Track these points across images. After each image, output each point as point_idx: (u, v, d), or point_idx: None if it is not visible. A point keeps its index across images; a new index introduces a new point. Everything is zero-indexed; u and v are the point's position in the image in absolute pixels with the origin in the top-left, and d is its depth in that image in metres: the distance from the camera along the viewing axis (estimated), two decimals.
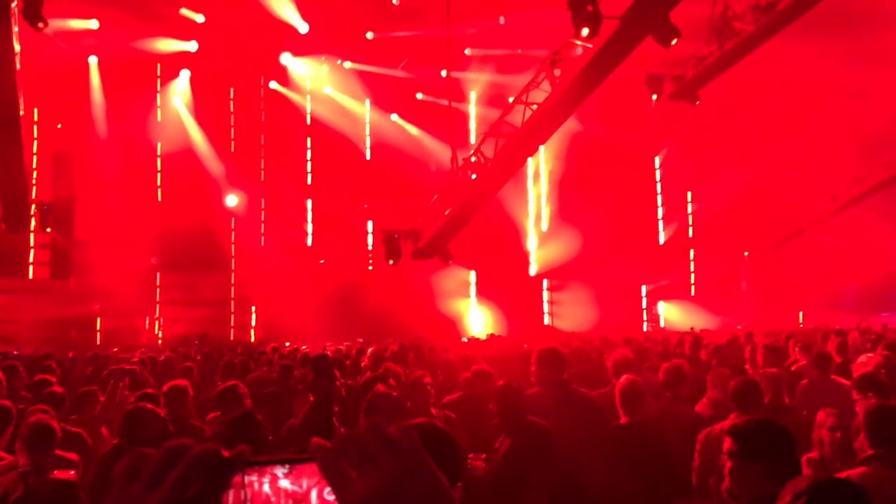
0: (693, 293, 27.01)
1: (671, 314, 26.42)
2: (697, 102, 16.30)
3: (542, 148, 26.91)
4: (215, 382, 7.83)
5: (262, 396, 7.05)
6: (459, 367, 8.58)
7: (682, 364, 6.55)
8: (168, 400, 5.24)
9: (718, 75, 15.64)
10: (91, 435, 5.45)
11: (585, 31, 10.02)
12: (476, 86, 25.53)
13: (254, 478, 0.77)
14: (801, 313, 24.42)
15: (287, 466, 0.79)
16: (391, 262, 17.45)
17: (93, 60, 22.45)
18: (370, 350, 9.79)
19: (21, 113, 12.40)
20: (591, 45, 10.72)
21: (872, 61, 20.49)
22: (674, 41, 10.08)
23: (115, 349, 15.34)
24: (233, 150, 25.06)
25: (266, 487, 0.78)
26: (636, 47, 10.47)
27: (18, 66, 11.57)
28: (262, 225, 25.72)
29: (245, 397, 5.11)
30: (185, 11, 21.66)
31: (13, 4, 10.44)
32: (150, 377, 8.31)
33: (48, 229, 17.37)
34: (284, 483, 0.78)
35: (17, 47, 11.29)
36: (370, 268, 25.27)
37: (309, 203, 26.21)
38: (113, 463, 4.27)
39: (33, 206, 16.02)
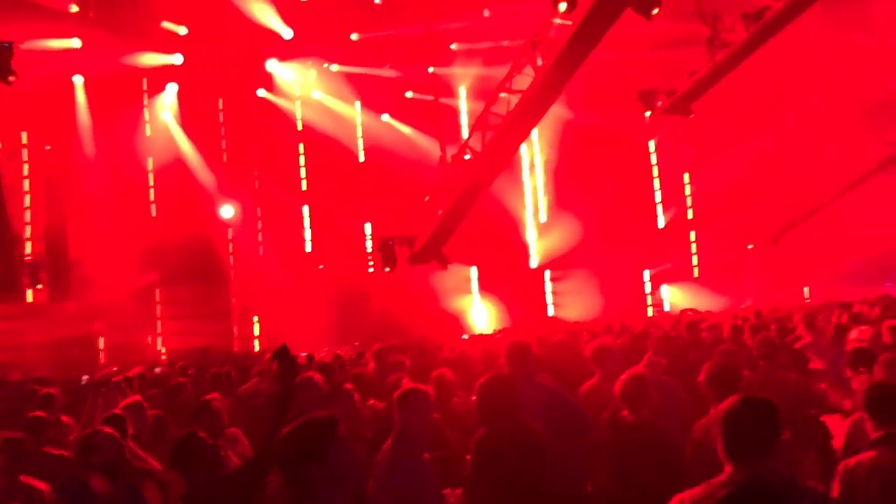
0: (696, 275, 26.82)
1: (676, 297, 26.21)
2: (691, 116, 16.17)
3: (535, 138, 26.84)
4: None
5: (249, 409, 6.93)
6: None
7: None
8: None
9: (711, 87, 15.48)
10: None
11: (563, 6, 9.86)
12: (465, 80, 25.34)
13: None
14: (806, 289, 24.20)
15: None
16: (387, 269, 17.31)
17: (78, 80, 22.31)
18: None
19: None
20: (570, 22, 10.53)
21: (872, 29, 20.32)
22: (655, 11, 9.85)
23: (115, 368, 15.22)
24: (225, 160, 24.88)
25: None
26: (616, 20, 10.26)
27: None
28: (260, 234, 25.56)
29: (219, 413, 4.95)
30: (166, 24, 21.55)
31: None
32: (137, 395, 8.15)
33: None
34: None
35: None
36: (370, 270, 25.11)
37: (305, 209, 26.06)
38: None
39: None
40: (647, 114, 16.27)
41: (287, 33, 23.01)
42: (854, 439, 4.16)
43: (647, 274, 27.02)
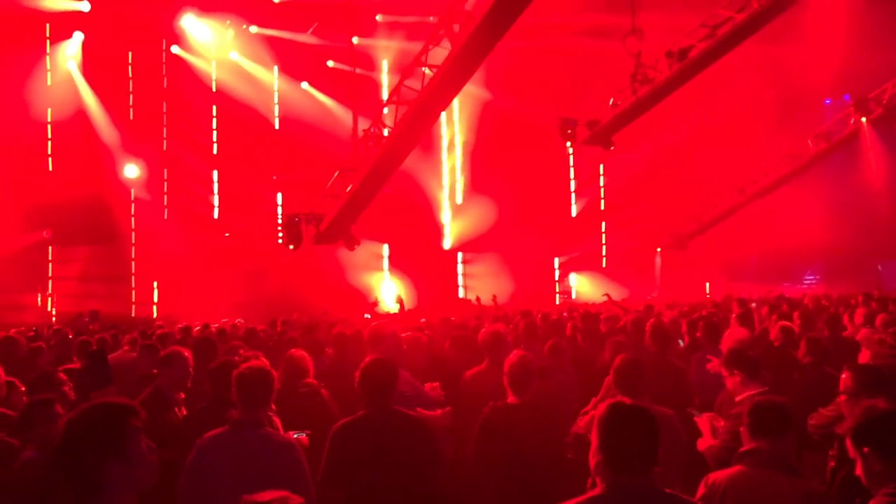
0: (604, 265, 27.21)
1: (583, 286, 26.54)
2: (612, 148, 16.15)
3: (455, 118, 26.62)
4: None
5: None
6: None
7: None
8: None
9: (631, 121, 15.51)
10: None
11: None
12: (388, 54, 24.85)
13: None
14: (707, 284, 24.86)
15: None
16: (291, 247, 16.73)
17: None
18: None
19: None
20: None
21: (797, 38, 20.78)
22: None
23: None
24: (132, 117, 23.78)
25: None
26: None
27: None
28: (165, 196, 24.57)
29: (63, 385, 4.54)
30: None
31: None
32: None
33: None
34: None
35: None
36: (279, 241, 24.44)
37: (215, 174, 25.15)
38: None
39: None
40: (569, 145, 16.22)
41: None
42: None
43: (556, 261, 27.27)
